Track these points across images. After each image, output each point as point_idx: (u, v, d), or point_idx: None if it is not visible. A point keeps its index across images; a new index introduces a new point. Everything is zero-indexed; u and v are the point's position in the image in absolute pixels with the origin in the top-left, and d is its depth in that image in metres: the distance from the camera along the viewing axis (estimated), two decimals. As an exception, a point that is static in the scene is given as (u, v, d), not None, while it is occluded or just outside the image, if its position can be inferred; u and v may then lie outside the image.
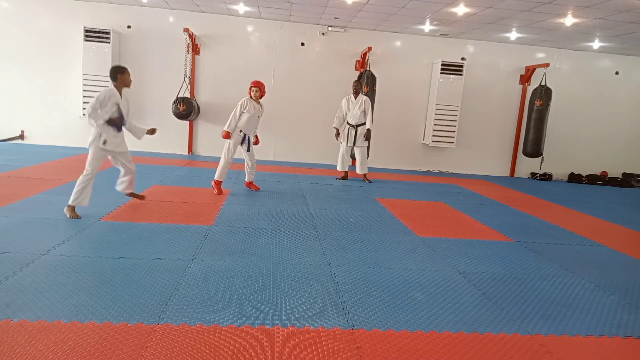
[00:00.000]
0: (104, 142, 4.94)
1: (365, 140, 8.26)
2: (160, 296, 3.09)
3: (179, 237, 4.42)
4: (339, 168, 8.50)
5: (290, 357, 2.50)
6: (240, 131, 6.61)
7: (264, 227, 4.99)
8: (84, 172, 4.93)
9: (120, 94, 5.02)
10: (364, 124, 8.16)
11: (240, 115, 6.55)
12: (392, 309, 3.17)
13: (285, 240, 4.59)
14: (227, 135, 6.50)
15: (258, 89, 6.57)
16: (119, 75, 4.98)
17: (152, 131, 5.48)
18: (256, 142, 6.90)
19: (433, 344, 2.75)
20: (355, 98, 8.17)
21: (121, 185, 5.54)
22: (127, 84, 5.06)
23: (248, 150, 6.74)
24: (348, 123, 8.26)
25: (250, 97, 6.62)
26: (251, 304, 3.08)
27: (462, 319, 3.11)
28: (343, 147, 8.40)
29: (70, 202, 4.83)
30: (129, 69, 5.09)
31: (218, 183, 6.62)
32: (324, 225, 5.28)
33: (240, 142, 6.68)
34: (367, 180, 8.49)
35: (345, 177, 8.52)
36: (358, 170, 8.44)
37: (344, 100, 8.29)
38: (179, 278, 3.42)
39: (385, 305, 3.22)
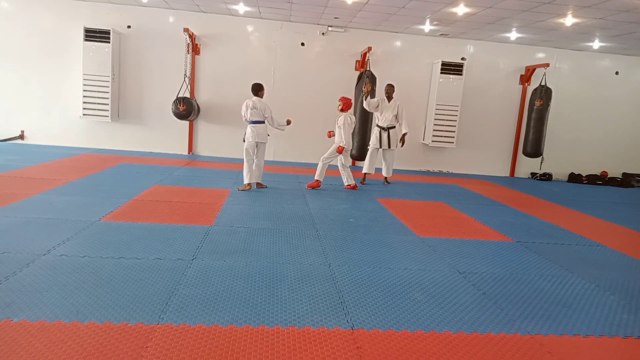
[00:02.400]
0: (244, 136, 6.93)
1: (402, 145, 8.29)
2: (160, 296, 3.09)
3: (179, 237, 4.42)
4: (366, 170, 8.37)
5: (290, 357, 2.50)
6: None
7: (264, 227, 4.99)
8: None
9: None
10: (394, 127, 8.19)
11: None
12: (392, 309, 3.17)
13: (285, 240, 4.59)
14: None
15: (339, 102, 7.38)
16: (260, 91, 6.93)
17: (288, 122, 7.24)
18: (339, 151, 7.37)
19: (433, 344, 2.75)
20: (389, 102, 8.20)
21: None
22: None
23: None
24: (378, 126, 8.25)
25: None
26: (251, 304, 3.08)
27: (462, 319, 3.11)
28: (373, 149, 8.31)
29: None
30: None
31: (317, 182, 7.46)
32: (324, 225, 5.29)
33: None
34: (387, 182, 8.56)
35: (364, 180, 8.40)
36: (385, 173, 8.47)
37: (377, 98, 8.32)
38: (179, 278, 3.43)
39: (385, 305, 3.22)
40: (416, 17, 8.76)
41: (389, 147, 8.25)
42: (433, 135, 10.35)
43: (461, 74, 10.18)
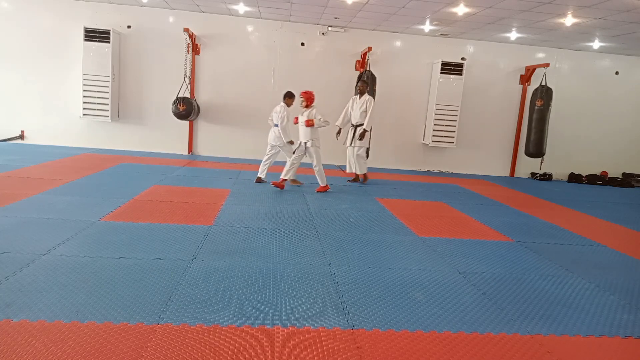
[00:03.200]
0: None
1: (360, 140, 8.05)
2: (160, 296, 3.09)
3: (179, 237, 4.42)
4: (347, 170, 8.45)
5: (290, 357, 2.50)
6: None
7: (264, 227, 4.99)
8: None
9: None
10: (363, 124, 8.07)
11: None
12: (392, 309, 3.17)
13: (285, 240, 4.59)
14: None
15: (302, 99, 7.23)
16: (286, 98, 7.37)
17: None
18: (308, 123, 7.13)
19: (433, 344, 2.75)
20: (360, 98, 8.19)
21: (264, 169, 7.60)
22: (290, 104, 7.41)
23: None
24: (351, 123, 8.28)
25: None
26: (251, 304, 3.08)
27: (462, 319, 3.11)
28: (348, 147, 8.34)
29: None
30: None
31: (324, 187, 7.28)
32: (324, 225, 5.28)
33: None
34: (364, 181, 8.34)
35: (356, 179, 8.41)
36: (356, 171, 8.36)
37: (351, 99, 8.37)
38: (179, 278, 3.43)
39: (385, 305, 3.22)
40: (416, 17, 8.75)
41: (352, 143, 8.16)
42: (433, 135, 10.34)
43: (461, 74, 10.18)
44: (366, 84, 8.35)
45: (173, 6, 9.56)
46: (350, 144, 8.21)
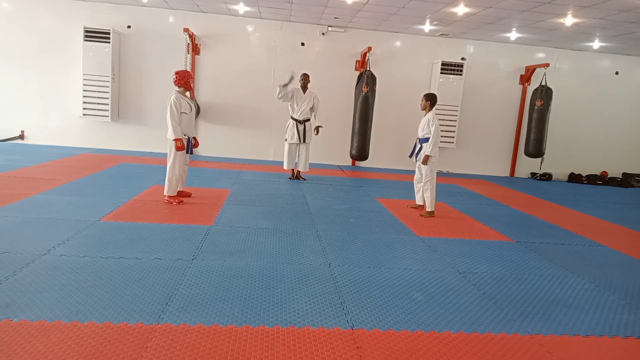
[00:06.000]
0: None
1: (316, 133, 7.92)
2: (160, 296, 3.09)
3: (179, 237, 4.42)
4: (288, 167, 8.09)
5: (290, 357, 2.50)
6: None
7: (264, 227, 4.99)
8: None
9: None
10: (309, 119, 7.90)
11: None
12: (392, 309, 3.17)
13: (285, 240, 4.59)
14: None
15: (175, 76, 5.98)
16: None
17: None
18: (195, 145, 6.22)
19: (433, 344, 2.75)
20: (304, 93, 7.88)
21: None
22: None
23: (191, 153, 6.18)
24: (293, 118, 7.89)
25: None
26: (251, 304, 3.08)
27: (462, 319, 3.11)
28: (290, 144, 7.92)
29: None
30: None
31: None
32: (324, 225, 5.28)
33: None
34: (303, 179, 8.14)
35: (294, 175, 8.16)
36: (301, 168, 8.07)
37: (292, 88, 7.80)
38: (179, 278, 3.43)
39: (385, 305, 3.22)
40: (416, 17, 8.76)
41: (304, 140, 7.90)
42: (433, 135, 10.33)
43: (461, 74, 10.18)
44: (307, 76, 7.93)
45: (173, 6, 9.56)
46: (305, 141, 7.90)
